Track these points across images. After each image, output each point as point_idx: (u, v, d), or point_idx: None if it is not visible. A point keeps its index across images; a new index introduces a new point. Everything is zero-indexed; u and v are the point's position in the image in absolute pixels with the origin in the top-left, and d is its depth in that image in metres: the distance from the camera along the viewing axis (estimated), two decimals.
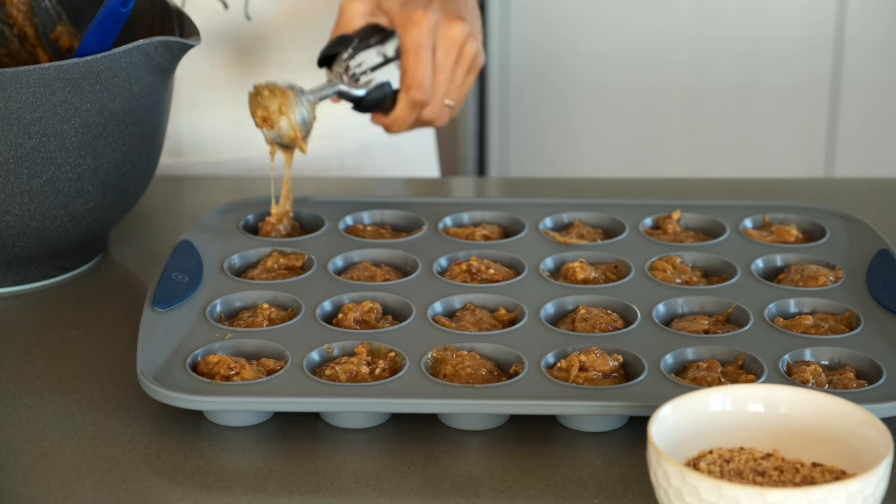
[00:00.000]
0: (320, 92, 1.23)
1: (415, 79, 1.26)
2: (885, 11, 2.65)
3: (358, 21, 1.29)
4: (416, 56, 1.25)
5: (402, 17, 1.26)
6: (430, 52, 1.26)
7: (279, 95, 1.18)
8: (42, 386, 1.06)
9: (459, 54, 1.28)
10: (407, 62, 1.26)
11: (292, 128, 1.18)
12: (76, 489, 0.94)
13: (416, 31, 1.25)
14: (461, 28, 1.27)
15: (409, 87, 1.26)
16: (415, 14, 1.26)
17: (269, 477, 0.94)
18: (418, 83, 1.26)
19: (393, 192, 1.46)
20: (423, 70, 1.25)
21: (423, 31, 1.25)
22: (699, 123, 2.72)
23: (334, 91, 1.24)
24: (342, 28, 1.29)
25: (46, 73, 1.10)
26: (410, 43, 1.25)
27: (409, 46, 1.26)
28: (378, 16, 1.29)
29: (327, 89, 1.24)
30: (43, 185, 1.14)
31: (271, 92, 1.18)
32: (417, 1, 1.28)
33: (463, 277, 1.15)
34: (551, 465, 0.96)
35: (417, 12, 1.26)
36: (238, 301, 1.11)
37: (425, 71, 1.26)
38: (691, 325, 1.07)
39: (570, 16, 2.69)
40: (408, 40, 1.26)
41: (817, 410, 0.88)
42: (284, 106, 1.18)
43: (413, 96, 1.26)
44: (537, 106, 2.75)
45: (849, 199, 1.35)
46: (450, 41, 1.27)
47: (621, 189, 1.51)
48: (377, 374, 1.00)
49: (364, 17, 1.29)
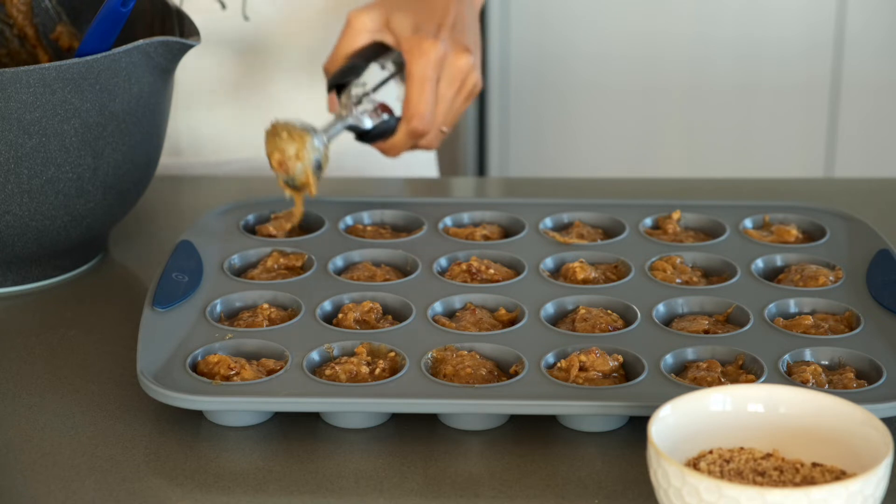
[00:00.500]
0: (333, 130, 1.23)
1: (417, 110, 1.25)
2: (885, 11, 2.65)
3: (364, 37, 1.27)
4: (421, 87, 1.25)
5: (410, 44, 1.25)
6: (434, 83, 1.25)
7: (297, 139, 1.18)
8: (42, 386, 1.06)
9: (462, 85, 1.28)
10: (411, 92, 1.25)
11: (306, 173, 1.19)
12: (76, 489, 0.94)
13: (424, 61, 1.24)
14: (467, 60, 1.27)
15: (411, 118, 1.26)
16: (424, 43, 1.25)
17: (269, 477, 0.94)
18: (420, 115, 1.25)
19: (393, 192, 1.46)
20: (426, 102, 1.25)
21: (430, 62, 1.25)
22: (699, 123, 2.72)
23: (346, 126, 1.25)
24: (348, 43, 1.28)
25: (46, 73, 1.10)
26: (417, 73, 1.25)
27: (415, 77, 1.25)
28: (385, 34, 1.28)
29: (339, 125, 1.24)
30: (43, 185, 1.14)
31: (290, 135, 1.18)
32: (428, 27, 1.27)
33: (463, 277, 1.15)
34: (551, 465, 0.96)
35: (427, 42, 1.25)
36: (238, 301, 1.11)
37: (428, 103, 1.25)
38: (691, 325, 1.07)
39: (570, 16, 2.69)
40: (414, 70, 1.25)
41: (817, 410, 0.88)
42: (301, 151, 1.18)
43: (414, 126, 1.26)
44: (537, 106, 2.75)
45: (849, 199, 1.35)
46: (455, 73, 1.27)
47: (621, 189, 1.51)
48: (377, 374, 1.00)
49: (371, 34, 1.27)
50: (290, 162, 1.18)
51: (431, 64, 1.24)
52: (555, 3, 2.69)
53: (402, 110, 1.26)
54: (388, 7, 1.28)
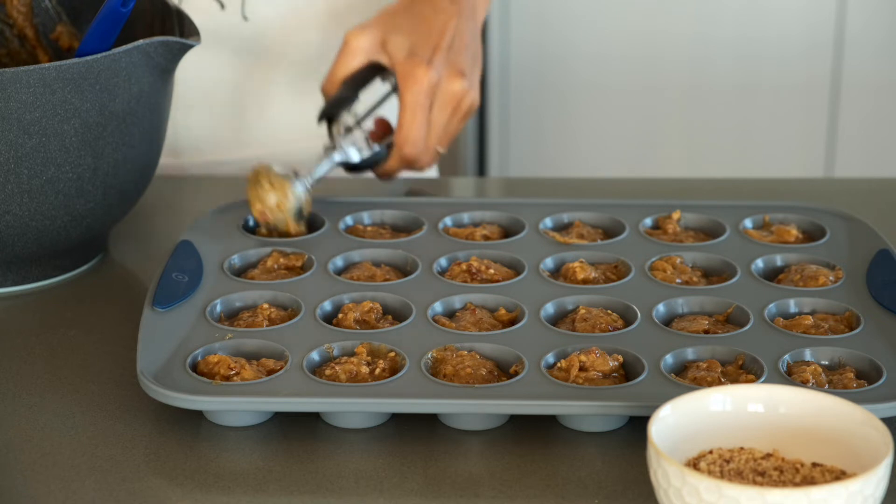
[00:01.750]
0: (318, 170, 1.24)
1: (409, 136, 1.26)
2: (885, 11, 2.65)
3: (360, 58, 1.28)
4: (413, 114, 1.25)
5: (404, 70, 1.26)
6: (426, 110, 1.26)
7: (278, 188, 1.21)
8: (42, 386, 1.06)
9: (455, 109, 1.28)
10: (403, 119, 1.26)
11: (286, 222, 1.21)
12: (76, 489, 0.94)
13: (417, 88, 1.25)
14: (461, 85, 1.27)
15: (403, 144, 1.27)
16: (417, 70, 1.25)
17: (269, 477, 0.94)
18: (412, 141, 1.26)
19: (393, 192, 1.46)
20: (417, 129, 1.26)
21: (422, 90, 1.25)
22: (699, 123, 2.72)
23: (332, 166, 1.25)
24: (344, 63, 1.28)
25: (46, 73, 1.10)
26: (409, 100, 1.25)
27: (408, 103, 1.25)
28: (380, 55, 1.28)
29: (325, 165, 1.25)
30: (43, 185, 1.14)
31: (271, 184, 1.21)
32: (423, 51, 1.27)
33: (463, 277, 1.15)
34: (551, 465, 0.96)
35: (420, 69, 1.25)
36: (238, 301, 1.11)
37: (420, 130, 1.26)
38: (691, 325, 1.07)
39: (570, 16, 2.69)
40: (407, 96, 1.25)
41: (817, 410, 0.88)
42: (282, 202, 1.21)
43: (406, 153, 1.27)
44: (537, 106, 2.75)
45: (849, 199, 1.35)
46: (448, 97, 1.27)
47: (621, 189, 1.51)
48: (377, 374, 1.00)
49: (367, 54, 1.28)
50: (270, 213, 1.20)
51: (424, 91, 1.25)
52: (555, 3, 2.69)
53: (395, 136, 1.27)
54: (385, 27, 1.29)
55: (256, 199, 1.21)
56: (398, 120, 1.27)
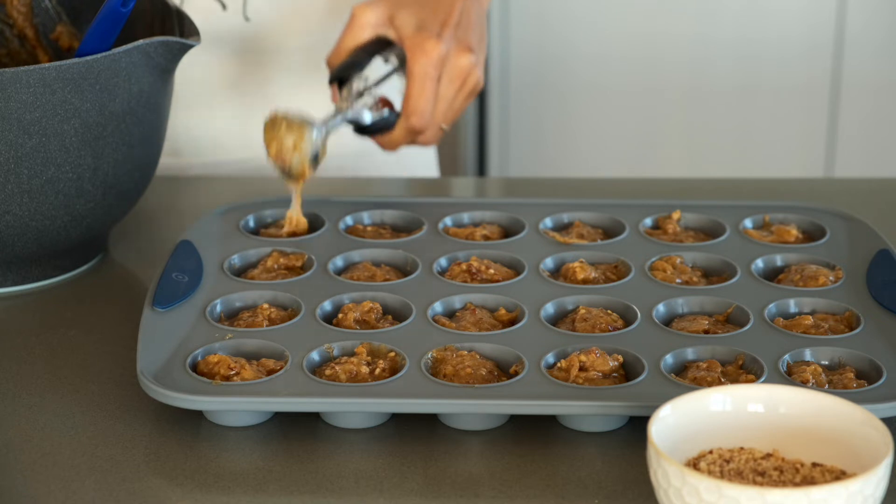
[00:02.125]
0: (332, 123, 1.23)
1: (416, 107, 1.26)
2: (885, 12, 2.65)
3: (367, 32, 1.28)
4: (422, 85, 1.25)
5: (412, 43, 1.26)
6: (435, 82, 1.26)
7: (295, 131, 1.19)
8: (42, 386, 1.06)
9: (463, 84, 1.28)
10: (411, 90, 1.26)
11: (302, 164, 1.19)
12: (76, 489, 0.94)
13: (425, 60, 1.25)
14: (469, 59, 1.27)
15: (410, 115, 1.26)
16: (427, 42, 1.25)
17: (269, 477, 0.94)
18: (419, 112, 1.26)
19: (393, 192, 1.46)
20: (425, 100, 1.25)
21: (431, 61, 1.25)
22: (699, 124, 2.72)
23: (345, 120, 1.25)
24: (351, 37, 1.28)
25: (46, 73, 1.10)
26: (417, 71, 1.25)
27: (416, 75, 1.25)
28: (388, 29, 1.28)
29: (338, 118, 1.24)
30: (43, 185, 1.14)
31: (288, 126, 1.19)
32: (432, 25, 1.27)
33: (463, 277, 1.15)
34: (551, 465, 0.96)
35: (429, 41, 1.25)
36: (238, 301, 1.11)
37: (428, 101, 1.25)
38: (691, 325, 1.07)
39: (570, 16, 2.69)
40: (415, 68, 1.25)
41: (817, 410, 0.88)
42: (299, 143, 1.19)
43: (413, 123, 1.27)
44: (537, 106, 2.75)
45: (849, 199, 1.35)
46: (456, 72, 1.27)
47: (621, 189, 1.51)
48: (377, 374, 1.00)
49: (374, 28, 1.28)
50: (286, 153, 1.19)
51: (433, 62, 1.25)
52: (555, 4, 2.69)
53: (402, 107, 1.26)
54: (393, 3, 1.28)
55: (273, 140, 1.19)
56: (406, 91, 1.26)
